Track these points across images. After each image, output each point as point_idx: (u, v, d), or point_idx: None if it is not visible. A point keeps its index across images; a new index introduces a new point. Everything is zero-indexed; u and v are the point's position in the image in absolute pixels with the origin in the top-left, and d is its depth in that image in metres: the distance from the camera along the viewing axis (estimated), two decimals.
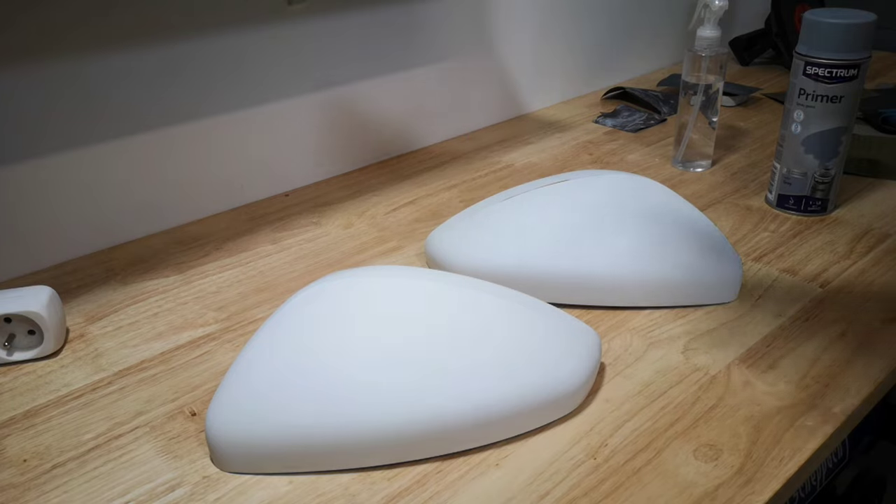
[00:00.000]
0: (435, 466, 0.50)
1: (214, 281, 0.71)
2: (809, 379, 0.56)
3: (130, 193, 0.78)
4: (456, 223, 0.70)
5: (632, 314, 0.64)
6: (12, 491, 0.48)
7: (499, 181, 0.91)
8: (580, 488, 0.47)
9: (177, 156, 0.80)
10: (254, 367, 0.50)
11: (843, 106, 0.75)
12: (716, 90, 0.87)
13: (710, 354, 0.59)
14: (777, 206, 0.82)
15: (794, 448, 0.50)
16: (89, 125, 0.73)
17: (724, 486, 0.47)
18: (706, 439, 0.51)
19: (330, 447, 0.48)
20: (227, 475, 0.49)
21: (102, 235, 0.77)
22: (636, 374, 0.57)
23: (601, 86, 1.24)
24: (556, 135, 1.05)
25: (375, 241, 0.78)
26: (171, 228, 0.82)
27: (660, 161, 0.95)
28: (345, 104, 0.92)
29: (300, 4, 0.83)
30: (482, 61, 1.05)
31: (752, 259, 0.72)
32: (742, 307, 0.65)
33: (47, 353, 0.61)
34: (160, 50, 0.75)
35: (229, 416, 0.49)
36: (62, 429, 0.54)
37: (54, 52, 0.69)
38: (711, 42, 0.86)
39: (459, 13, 0.99)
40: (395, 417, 0.48)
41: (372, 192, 0.89)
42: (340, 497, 0.47)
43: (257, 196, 0.88)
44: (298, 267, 0.73)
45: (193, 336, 0.63)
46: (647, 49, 1.29)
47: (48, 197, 0.73)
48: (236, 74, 0.81)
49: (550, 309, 0.57)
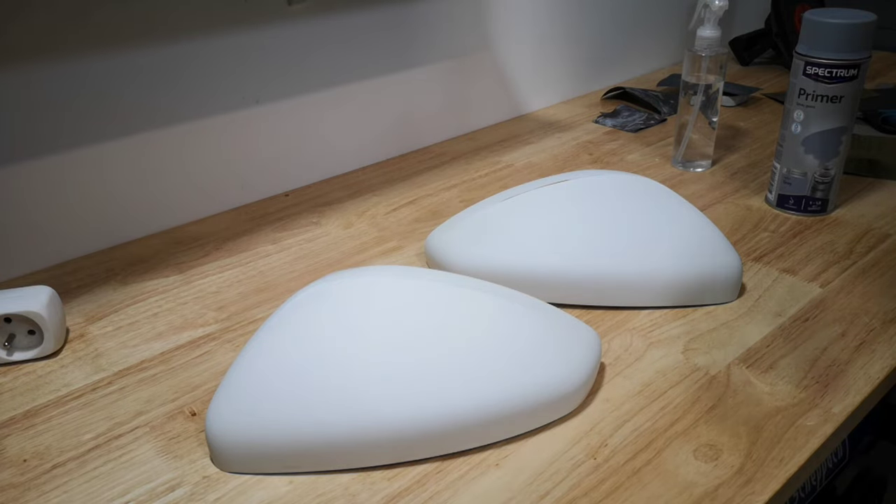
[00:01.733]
0: (435, 466, 0.50)
1: (214, 281, 0.71)
2: (809, 379, 0.56)
3: (130, 193, 0.78)
4: (456, 223, 0.70)
5: (632, 314, 0.64)
6: (12, 491, 0.48)
7: (499, 181, 0.91)
8: (580, 488, 0.47)
9: (177, 156, 0.80)
10: (254, 367, 0.50)
11: (843, 106, 0.75)
12: (716, 90, 0.87)
13: (710, 354, 0.59)
14: (777, 206, 0.82)
15: (794, 448, 0.50)
16: (89, 125, 0.73)
17: (724, 486, 0.47)
18: (706, 439, 0.51)
19: (330, 447, 0.48)
20: (227, 475, 0.49)
21: (102, 235, 0.77)
22: (636, 374, 0.57)
23: (601, 86, 1.24)
24: (556, 135, 1.05)
25: (375, 241, 0.78)
26: (171, 228, 0.82)
27: (660, 161, 0.95)
28: (345, 104, 0.92)
29: (300, 4, 0.83)
30: (482, 61, 1.05)
31: (752, 259, 0.72)
32: (742, 307, 0.65)
33: (47, 353, 0.61)
34: (160, 50, 0.75)
35: (229, 416, 0.49)
36: (62, 429, 0.54)
37: (54, 53, 0.69)
38: (711, 42, 0.86)
39: (459, 13, 0.99)
40: (395, 417, 0.48)
41: (372, 192, 0.89)
42: (340, 497, 0.47)
43: (257, 196, 0.88)
44: (298, 267, 0.73)
45: (193, 336, 0.63)
46: (647, 49, 1.29)
47: (48, 197, 0.73)
48: (236, 75, 0.81)
49: (550, 309, 0.57)
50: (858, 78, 0.74)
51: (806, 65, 0.75)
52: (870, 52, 0.74)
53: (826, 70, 0.74)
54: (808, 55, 0.75)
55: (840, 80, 0.74)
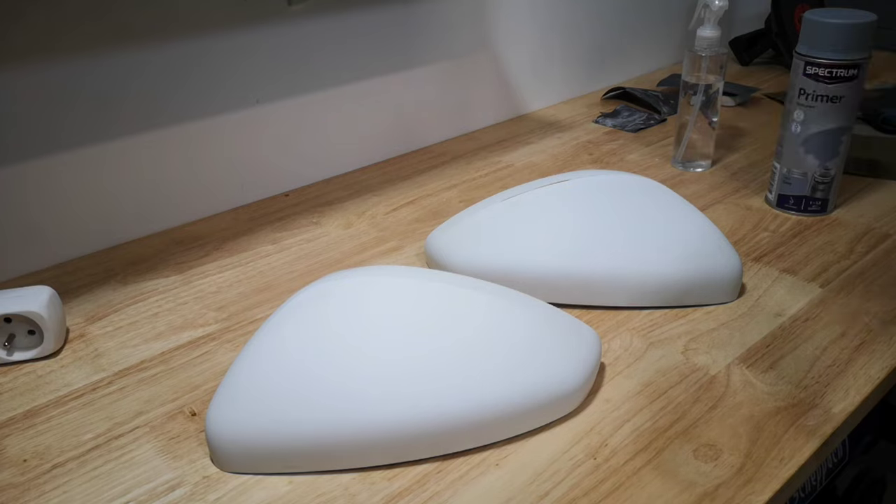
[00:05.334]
0: (435, 466, 0.50)
1: (214, 281, 0.71)
2: (809, 379, 0.56)
3: (130, 193, 0.78)
4: (456, 223, 0.70)
5: (632, 314, 0.64)
6: (12, 491, 0.48)
7: (499, 181, 0.91)
8: (580, 488, 0.47)
9: (176, 156, 0.80)
10: (254, 367, 0.50)
11: (843, 106, 0.75)
12: (716, 90, 0.87)
13: (710, 354, 0.59)
14: (777, 206, 0.82)
15: (794, 448, 0.50)
16: (89, 126, 0.73)
17: (724, 486, 0.47)
18: (706, 439, 0.51)
19: (330, 447, 0.48)
20: (227, 475, 0.49)
21: (102, 235, 0.77)
22: (636, 374, 0.57)
23: (601, 86, 1.24)
24: (556, 135, 1.05)
25: (375, 241, 0.78)
26: (171, 228, 0.82)
27: (660, 161, 0.95)
28: (345, 104, 0.92)
29: (300, 5, 0.83)
30: (482, 61, 1.05)
31: (752, 259, 0.72)
32: (742, 307, 0.65)
33: (47, 353, 0.61)
34: (159, 51, 0.75)
35: (229, 416, 0.49)
36: (62, 429, 0.54)
37: (54, 53, 0.69)
38: (711, 42, 0.86)
39: (459, 13, 0.99)
40: (395, 417, 0.48)
41: (372, 192, 0.89)
42: (340, 497, 0.47)
43: (257, 196, 0.88)
44: (298, 267, 0.73)
45: (193, 336, 0.63)
46: (647, 49, 1.29)
47: (48, 197, 0.73)
48: (237, 75, 0.81)
49: (550, 309, 0.57)
50: (858, 78, 0.74)
51: (806, 65, 0.75)
52: (870, 52, 0.74)
53: (826, 70, 0.74)
54: (808, 55, 0.75)
55: (840, 80, 0.74)
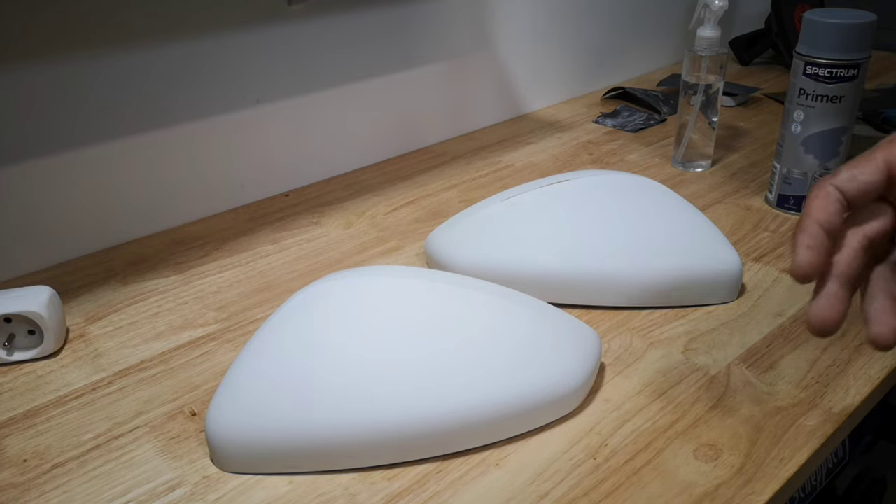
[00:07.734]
0: (435, 466, 0.50)
1: (214, 281, 0.71)
2: (809, 379, 0.56)
3: (130, 193, 0.78)
4: (456, 223, 0.70)
5: (632, 314, 0.64)
6: (12, 491, 0.48)
7: (499, 181, 0.91)
8: (580, 488, 0.47)
9: (176, 156, 0.80)
10: (254, 367, 0.50)
11: (843, 106, 0.75)
12: (716, 90, 0.87)
13: (710, 354, 0.59)
14: (777, 206, 0.82)
15: (794, 448, 0.50)
16: (89, 125, 0.73)
17: (724, 486, 0.47)
18: (706, 439, 0.51)
19: (330, 447, 0.48)
20: (227, 475, 0.49)
21: (102, 235, 0.77)
22: (636, 374, 0.57)
23: (601, 86, 1.24)
24: (556, 135, 1.05)
25: (375, 241, 0.78)
26: (171, 228, 0.82)
27: (660, 161, 0.95)
28: (345, 104, 0.92)
29: (300, 5, 0.83)
30: (482, 61, 1.05)
31: (752, 259, 0.72)
32: (742, 307, 0.65)
33: (47, 353, 0.61)
34: (159, 51, 0.75)
35: (229, 416, 0.49)
36: (62, 429, 0.54)
37: (54, 53, 0.69)
38: (711, 42, 0.86)
39: (459, 13, 0.99)
40: (395, 417, 0.48)
41: (372, 192, 0.89)
42: (340, 497, 0.47)
43: (257, 196, 0.88)
44: (298, 267, 0.73)
45: (193, 336, 0.63)
46: (647, 49, 1.29)
47: (48, 197, 0.73)
48: (237, 75, 0.81)
49: (550, 309, 0.57)
50: (858, 78, 0.74)
51: (806, 65, 0.75)
52: (870, 52, 0.74)
53: (826, 70, 0.74)
54: (808, 55, 0.75)
55: (840, 80, 0.74)
